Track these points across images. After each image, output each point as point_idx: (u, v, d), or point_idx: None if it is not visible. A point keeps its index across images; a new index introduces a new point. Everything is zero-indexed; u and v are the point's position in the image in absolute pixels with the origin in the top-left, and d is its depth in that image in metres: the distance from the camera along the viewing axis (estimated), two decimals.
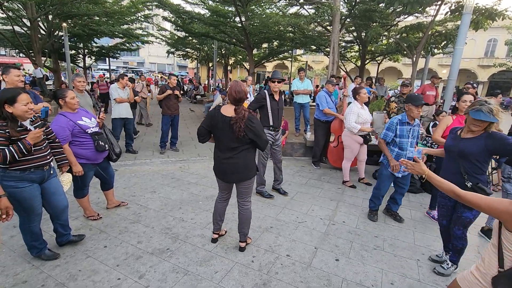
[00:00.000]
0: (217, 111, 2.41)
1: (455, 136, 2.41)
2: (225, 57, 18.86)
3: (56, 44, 12.77)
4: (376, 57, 14.68)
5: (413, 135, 3.26)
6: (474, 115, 2.13)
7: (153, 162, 5.33)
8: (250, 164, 2.53)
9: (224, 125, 2.36)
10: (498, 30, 22.09)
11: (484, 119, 2.09)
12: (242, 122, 2.30)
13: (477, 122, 2.16)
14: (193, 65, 33.33)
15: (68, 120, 2.76)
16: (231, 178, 2.55)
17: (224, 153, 2.46)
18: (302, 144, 6.12)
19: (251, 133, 2.35)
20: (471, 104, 2.20)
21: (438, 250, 2.91)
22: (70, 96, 2.79)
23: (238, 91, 2.35)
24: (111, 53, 18.89)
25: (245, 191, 2.63)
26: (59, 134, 2.64)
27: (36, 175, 2.27)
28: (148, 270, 2.44)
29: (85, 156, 2.88)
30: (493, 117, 2.06)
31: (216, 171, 2.60)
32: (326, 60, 28.08)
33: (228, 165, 2.47)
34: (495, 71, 26.14)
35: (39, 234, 2.45)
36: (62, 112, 2.82)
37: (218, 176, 2.61)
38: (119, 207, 3.50)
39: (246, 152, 2.48)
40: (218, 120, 2.38)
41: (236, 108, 2.35)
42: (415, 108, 3.12)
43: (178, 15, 10.57)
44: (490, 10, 7.72)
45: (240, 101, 2.37)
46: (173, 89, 5.82)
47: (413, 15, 10.63)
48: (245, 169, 2.51)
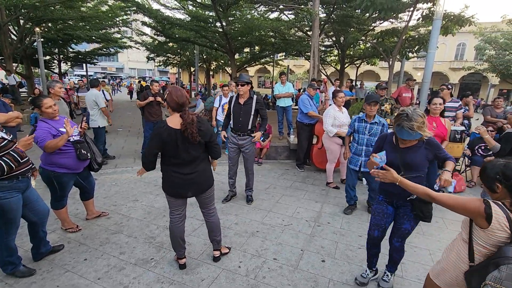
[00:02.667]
0: (164, 127, 2.13)
1: (392, 147, 2.20)
2: (207, 62, 18.79)
3: (29, 50, 12.24)
4: (354, 61, 15.16)
5: (370, 132, 3.48)
6: (399, 134, 2.03)
7: (134, 169, 5.17)
8: (209, 172, 2.41)
9: (177, 139, 2.13)
10: (467, 35, 23.45)
11: (406, 138, 2.00)
12: (194, 127, 2.12)
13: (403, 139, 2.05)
14: (174, 70, 32.94)
15: (50, 127, 2.67)
16: (193, 193, 2.34)
17: (182, 168, 2.23)
18: (286, 147, 6.17)
19: (204, 137, 2.21)
20: (396, 118, 2.04)
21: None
22: (45, 106, 2.66)
23: (179, 96, 2.15)
24: (88, 59, 18.33)
25: (208, 200, 2.48)
26: (37, 138, 2.55)
27: (23, 183, 2.24)
28: (132, 281, 2.36)
29: (66, 165, 2.77)
30: (415, 133, 1.93)
31: (170, 190, 2.30)
32: (307, 64, 28.64)
33: (189, 181, 2.26)
34: (465, 73, 27.65)
35: (15, 249, 2.33)
36: (43, 118, 2.73)
37: (173, 195, 2.32)
38: (100, 218, 3.37)
39: (205, 161, 2.36)
40: (167, 136, 2.11)
41: (182, 114, 2.13)
42: (367, 106, 3.38)
43: (158, 20, 10.44)
44: (458, 16, 8.20)
45: (183, 106, 2.16)
46: (155, 95, 5.72)
47: (388, 20, 11.09)
48: (206, 179, 2.38)
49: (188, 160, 2.22)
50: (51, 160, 2.70)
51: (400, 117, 2.00)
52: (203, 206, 2.52)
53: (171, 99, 2.15)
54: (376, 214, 2.32)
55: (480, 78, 29.31)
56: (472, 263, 1.40)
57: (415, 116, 1.95)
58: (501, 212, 1.32)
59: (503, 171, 1.35)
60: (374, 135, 3.46)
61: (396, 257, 2.35)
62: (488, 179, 1.41)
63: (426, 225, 3.48)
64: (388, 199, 2.28)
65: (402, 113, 2.01)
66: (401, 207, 2.23)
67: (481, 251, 1.38)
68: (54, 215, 3.19)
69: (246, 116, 3.64)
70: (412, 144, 2.12)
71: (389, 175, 1.77)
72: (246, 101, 3.62)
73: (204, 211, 2.54)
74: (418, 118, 1.94)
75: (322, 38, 12.39)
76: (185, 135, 2.12)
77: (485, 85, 29.48)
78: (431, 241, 3.16)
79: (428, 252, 2.94)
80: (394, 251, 2.33)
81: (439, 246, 3.06)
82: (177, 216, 2.41)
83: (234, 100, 3.69)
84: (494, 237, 1.33)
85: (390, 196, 2.25)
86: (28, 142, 2.17)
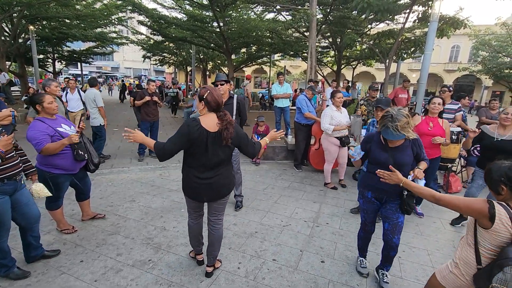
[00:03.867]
0: (197, 127, 2.03)
1: (380, 146, 2.26)
2: (203, 61, 18.72)
3: (22, 48, 12.06)
4: (351, 62, 15.23)
5: None
6: (384, 135, 2.11)
7: (131, 170, 5.13)
8: (231, 177, 2.31)
9: (208, 141, 2.05)
10: (461, 37, 23.74)
11: (391, 138, 2.07)
12: (232, 127, 2.07)
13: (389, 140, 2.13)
14: (171, 70, 32.77)
15: (47, 126, 2.58)
16: (209, 198, 2.24)
17: (203, 173, 2.13)
18: (284, 147, 6.16)
19: (236, 138, 2.15)
20: (381, 119, 2.11)
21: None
22: (47, 101, 2.62)
23: (219, 95, 2.12)
24: (83, 58, 18.14)
25: (220, 208, 2.34)
26: (34, 139, 2.46)
27: (9, 186, 2.16)
28: (129, 283, 2.32)
29: (62, 166, 2.70)
30: (399, 134, 2.00)
31: (189, 192, 2.24)
32: (304, 65, 28.72)
33: (208, 185, 2.16)
34: (459, 75, 27.99)
35: (7, 251, 2.27)
36: (40, 117, 2.63)
37: (191, 197, 2.25)
38: (96, 219, 3.32)
39: (227, 167, 2.26)
40: (197, 137, 2.02)
41: (221, 115, 2.08)
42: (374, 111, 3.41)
43: (154, 19, 10.37)
44: (453, 18, 8.29)
45: (221, 106, 2.13)
46: (152, 95, 5.67)
47: (384, 22, 11.18)
48: (227, 184, 2.26)
49: (211, 166, 2.12)
50: (47, 160, 2.63)
51: (385, 118, 2.05)
52: (212, 214, 2.34)
53: (213, 98, 2.06)
54: (370, 213, 2.43)
55: (473, 80, 29.68)
56: (479, 265, 1.40)
57: (399, 116, 2.01)
58: (504, 212, 1.33)
59: (507, 174, 1.36)
60: None
61: (393, 254, 2.37)
62: (493, 181, 1.41)
63: (424, 226, 3.51)
64: (378, 196, 2.34)
65: (387, 114, 2.07)
66: (390, 202, 2.30)
67: (486, 253, 1.38)
68: (49, 216, 3.13)
69: None
70: (400, 143, 2.20)
71: (395, 176, 1.79)
72: (227, 101, 3.47)
73: (212, 219, 2.35)
74: (402, 118, 2.00)
75: (319, 39, 12.43)
76: (224, 135, 2.03)
77: (478, 87, 29.87)
78: (429, 241, 3.17)
79: (426, 253, 2.95)
80: (392, 249, 2.34)
81: (437, 246, 3.07)
82: (194, 216, 2.41)
83: None
84: (498, 237, 1.33)
85: (380, 193, 2.31)
86: (8, 142, 2.06)
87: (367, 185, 2.39)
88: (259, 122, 5.94)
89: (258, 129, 5.94)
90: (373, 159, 2.31)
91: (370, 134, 2.42)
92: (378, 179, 2.17)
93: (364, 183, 2.42)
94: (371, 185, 2.34)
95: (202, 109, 2.11)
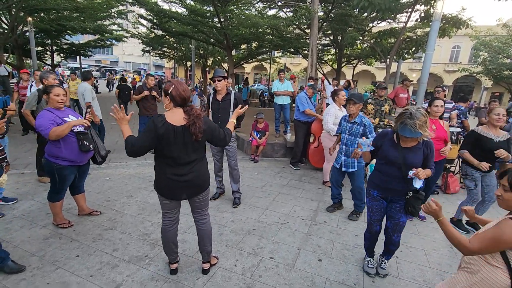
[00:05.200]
0: (161, 122, 1.95)
1: (393, 144, 2.28)
2: (203, 57, 18.60)
3: (21, 40, 11.90)
4: (351, 61, 15.16)
5: (350, 131, 3.43)
6: (401, 132, 2.10)
7: (129, 164, 5.10)
8: (206, 173, 2.23)
9: (177, 137, 1.98)
10: (462, 37, 23.66)
11: (409, 135, 2.06)
12: (200, 121, 1.99)
13: (405, 137, 2.13)
14: (170, 65, 32.58)
15: (54, 115, 2.66)
16: (187, 195, 2.17)
17: (177, 169, 2.06)
18: (283, 145, 6.14)
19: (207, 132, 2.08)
20: (399, 116, 2.12)
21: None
22: (55, 92, 2.69)
23: (185, 90, 2.02)
24: (82, 51, 17.95)
25: (202, 204, 2.28)
26: (41, 125, 2.54)
27: None
28: (125, 279, 2.31)
29: (68, 158, 2.73)
30: (417, 131, 2.01)
31: (163, 191, 2.14)
32: (304, 63, 28.59)
33: (183, 183, 2.08)
34: (459, 75, 27.99)
35: None
36: (48, 108, 2.72)
37: (166, 196, 2.15)
38: (92, 214, 3.30)
39: (203, 161, 2.21)
40: (164, 133, 1.95)
41: (187, 109, 2.00)
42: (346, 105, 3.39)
43: (154, 13, 10.26)
44: (456, 18, 8.24)
45: (187, 101, 2.05)
46: (150, 89, 5.63)
47: (386, 21, 11.11)
48: (204, 180, 2.20)
49: (185, 160, 2.06)
50: (54, 152, 2.69)
51: (404, 115, 2.07)
52: (196, 211, 2.30)
53: (177, 93, 1.98)
54: (375, 211, 2.44)
55: (473, 80, 29.70)
56: None
57: (418, 114, 2.03)
58: None
59: None
60: (354, 135, 3.41)
61: (394, 248, 2.51)
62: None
63: (422, 226, 3.50)
64: (383, 195, 2.38)
65: (405, 111, 2.09)
66: (395, 202, 2.35)
67: None
68: (45, 210, 3.11)
69: (225, 113, 3.47)
70: (413, 144, 2.22)
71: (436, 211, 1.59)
72: (224, 97, 3.49)
73: (196, 216, 2.32)
74: (420, 117, 2.03)
75: (320, 36, 12.36)
76: (192, 131, 1.96)
77: (478, 88, 29.89)
78: (426, 241, 3.17)
79: (424, 253, 2.95)
80: (392, 245, 2.47)
81: (434, 246, 3.07)
82: (170, 219, 2.26)
83: (212, 97, 3.59)
84: None
85: (386, 192, 2.36)
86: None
87: (373, 184, 2.43)
88: (258, 119, 5.91)
89: (258, 126, 5.92)
90: (383, 156, 2.33)
91: (385, 131, 2.43)
92: (385, 178, 2.30)
93: (371, 182, 2.46)
94: (377, 183, 2.39)
95: (168, 104, 2.04)
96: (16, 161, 4.85)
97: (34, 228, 2.93)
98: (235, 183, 3.77)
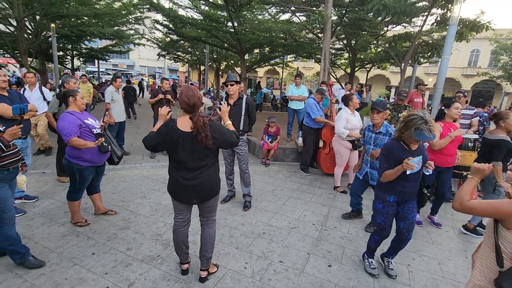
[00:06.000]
0: (172, 127, 2.03)
1: (404, 150, 2.30)
2: (216, 61, 18.86)
3: (43, 45, 12.49)
4: (365, 65, 15.00)
5: (375, 142, 3.28)
6: (417, 137, 2.16)
7: (143, 166, 5.24)
8: (216, 180, 2.23)
9: (187, 143, 2.02)
10: (481, 41, 23.02)
11: (425, 139, 2.15)
12: (207, 130, 1.99)
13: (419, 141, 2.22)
14: (184, 69, 33.16)
15: (76, 118, 2.81)
16: (196, 200, 2.20)
17: (186, 173, 2.10)
18: (294, 149, 6.14)
19: (220, 136, 2.09)
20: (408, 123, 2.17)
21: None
22: (80, 96, 2.91)
23: (191, 96, 2.02)
24: (101, 55, 18.60)
25: (210, 209, 2.29)
26: (65, 129, 2.69)
27: (13, 174, 2.32)
28: (138, 278, 2.38)
29: (88, 159, 2.88)
30: (432, 134, 2.09)
31: (174, 193, 2.20)
32: (316, 67, 28.50)
33: (193, 186, 2.11)
34: (478, 80, 27.11)
35: (16, 238, 2.34)
36: (69, 110, 2.87)
37: (176, 198, 2.22)
38: (108, 213, 3.41)
39: (213, 167, 2.20)
40: (176, 139, 2.02)
41: (192, 116, 2.02)
42: (371, 113, 3.25)
43: (170, 18, 10.53)
44: (474, 22, 8.04)
45: (194, 107, 2.04)
46: (165, 93, 5.77)
47: (401, 25, 10.96)
48: (212, 186, 2.20)
49: (193, 165, 2.08)
50: (75, 153, 2.83)
51: (415, 120, 2.11)
52: (203, 215, 2.33)
53: (182, 99, 2.02)
54: (390, 216, 2.47)
55: (493, 85, 28.66)
56: (501, 268, 1.36)
57: (429, 117, 2.11)
58: None
59: None
60: (380, 146, 3.25)
61: (403, 247, 2.57)
62: None
63: (436, 234, 3.43)
64: (400, 199, 2.44)
65: (415, 117, 2.12)
66: (408, 203, 2.44)
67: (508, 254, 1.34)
68: (64, 209, 3.25)
69: (237, 117, 3.54)
70: (417, 146, 2.34)
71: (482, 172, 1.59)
72: (236, 101, 3.55)
73: (202, 219, 2.35)
74: (432, 120, 2.12)
75: (333, 41, 12.32)
76: (198, 139, 1.99)
77: (498, 93, 28.79)
78: (440, 250, 3.10)
79: (437, 262, 2.88)
80: (405, 244, 2.54)
81: (449, 256, 3.00)
82: (180, 220, 2.31)
83: (224, 101, 3.66)
84: None
85: (403, 195, 2.41)
86: (14, 132, 2.19)
87: (391, 190, 2.42)
88: (270, 123, 5.94)
89: (269, 130, 5.95)
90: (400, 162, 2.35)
91: (388, 144, 2.41)
92: (403, 182, 2.34)
93: (387, 187, 2.44)
94: (397, 189, 2.40)
95: (180, 109, 2.11)
96: (37, 161, 5.07)
97: (54, 226, 3.06)
98: (246, 186, 3.81)
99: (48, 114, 3.98)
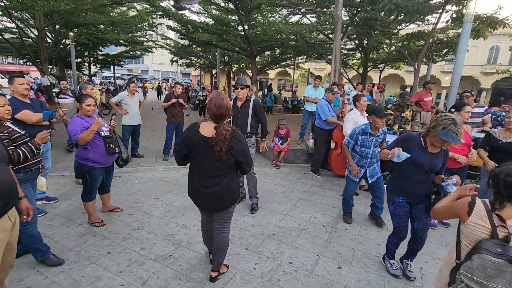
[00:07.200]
0: (194, 132, 2.00)
1: (421, 148, 2.31)
2: (228, 64, 19.08)
3: (63, 53, 13.04)
4: (378, 64, 14.77)
5: (375, 144, 3.35)
6: (443, 136, 2.12)
7: (156, 168, 5.37)
8: (234, 189, 2.20)
9: (206, 149, 1.97)
10: (501, 37, 22.16)
11: (451, 141, 2.09)
12: (224, 145, 1.91)
13: (443, 141, 2.16)
14: (197, 73, 33.67)
15: (84, 121, 2.95)
16: (213, 208, 2.18)
17: (205, 180, 2.08)
18: (305, 151, 6.13)
19: (239, 155, 2.01)
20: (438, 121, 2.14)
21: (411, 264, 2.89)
22: (86, 103, 3.00)
23: (220, 106, 1.93)
24: (116, 61, 19.22)
25: (225, 217, 2.27)
26: (72, 131, 2.84)
27: (35, 174, 2.46)
28: (151, 276, 2.46)
29: (96, 160, 3.01)
30: (458, 138, 2.04)
31: (193, 198, 2.23)
32: (328, 68, 28.22)
33: (210, 194, 2.09)
34: (499, 77, 26.09)
35: (38, 236, 2.46)
36: (79, 115, 3.03)
37: (196, 203, 2.26)
38: (122, 214, 3.53)
39: (232, 177, 2.13)
40: (197, 143, 1.98)
41: (216, 127, 1.94)
42: (379, 120, 3.17)
43: (182, 24, 10.77)
44: (491, 18, 7.79)
45: (221, 118, 1.96)
46: (178, 97, 5.90)
47: (414, 23, 10.74)
48: (229, 196, 2.16)
49: (212, 172, 2.06)
50: (84, 155, 2.97)
51: (445, 120, 2.10)
52: (218, 222, 2.29)
53: (210, 107, 1.95)
54: (403, 217, 2.49)
55: None
56: (458, 260, 1.50)
57: (460, 122, 2.09)
58: (482, 207, 1.43)
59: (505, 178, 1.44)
60: (378, 146, 3.39)
61: (420, 248, 2.56)
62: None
63: (450, 237, 3.34)
64: (409, 200, 2.45)
65: (447, 117, 2.12)
66: (419, 204, 2.45)
67: (465, 248, 1.48)
68: (82, 209, 3.38)
69: (244, 118, 3.66)
70: (438, 150, 2.31)
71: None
72: (243, 103, 3.66)
73: (217, 226, 2.30)
74: (462, 125, 2.09)
75: (345, 41, 12.21)
76: (214, 149, 1.94)
77: None
78: None
79: None
80: (420, 244, 2.53)
81: None
82: (205, 220, 2.45)
83: (232, 103, 3.72)
84: (474, 231, 1.42)
85: (411, 197, 2.43)
86: (43, 136, 2.36)
87: (398, 190, 2.47)
88: (280, 125, 5.97)
89: (279, 132, 5.97)
90: (410, 159, 2.32)
91: (411, 134, 2.43)
92: (411, 183, 2.38)
93: (394, 188, 2.51)
94: (402, 189, 2.44)
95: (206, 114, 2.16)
96: (57, 164, 5.30)
97: (72, 226, 3.20)
98: (252, 185, 3.88)
99: (66, 119, 4.15)
